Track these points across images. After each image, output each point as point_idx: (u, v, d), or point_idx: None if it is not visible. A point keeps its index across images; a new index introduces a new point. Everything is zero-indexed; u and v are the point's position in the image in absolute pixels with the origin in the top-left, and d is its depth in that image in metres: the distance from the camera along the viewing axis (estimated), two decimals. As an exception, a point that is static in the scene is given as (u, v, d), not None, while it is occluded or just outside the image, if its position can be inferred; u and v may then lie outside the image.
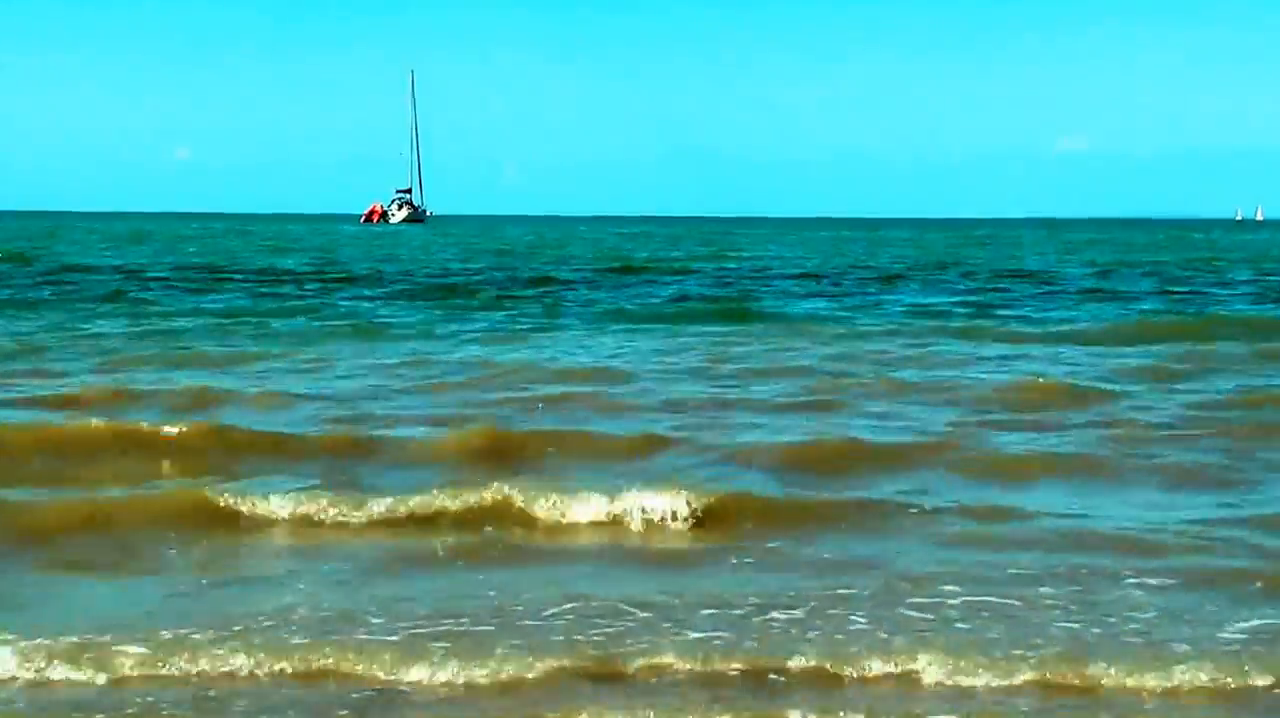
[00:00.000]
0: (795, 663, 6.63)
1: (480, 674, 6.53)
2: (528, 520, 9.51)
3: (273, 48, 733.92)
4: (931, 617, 7.22)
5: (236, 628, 6.98)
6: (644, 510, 9.51)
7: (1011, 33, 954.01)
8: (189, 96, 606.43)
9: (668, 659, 6.66)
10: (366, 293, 32.27)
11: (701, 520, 9.47)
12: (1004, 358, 18.64)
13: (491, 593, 7.69)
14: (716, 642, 6.83)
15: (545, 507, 9.61)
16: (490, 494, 9.75)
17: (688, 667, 6.61)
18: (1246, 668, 6.51)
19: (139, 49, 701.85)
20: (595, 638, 6.90)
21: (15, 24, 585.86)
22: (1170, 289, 35.93)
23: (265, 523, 9.49)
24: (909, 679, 6.52)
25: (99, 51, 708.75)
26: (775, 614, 7.26)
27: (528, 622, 7.17)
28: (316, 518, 9.51)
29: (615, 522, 9.49)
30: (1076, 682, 6.47)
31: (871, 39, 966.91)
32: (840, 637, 6.90)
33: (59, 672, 6.57)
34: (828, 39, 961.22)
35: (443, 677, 6.52)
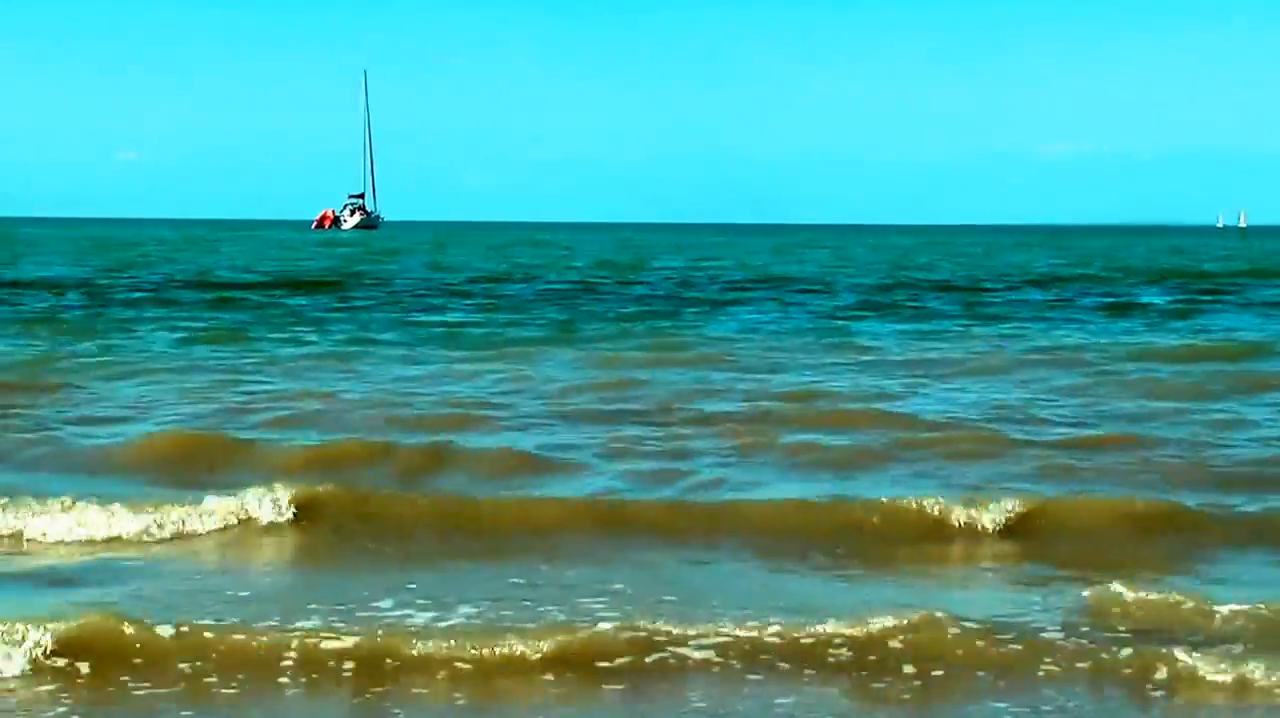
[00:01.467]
0: None
1: None
2: None
3: (225, 49, 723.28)
4: None
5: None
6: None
7: (1002, 37, 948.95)
8: (135, 97, 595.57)
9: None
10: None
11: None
12: None
13: None
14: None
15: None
16: None
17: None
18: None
19: (81, 47, 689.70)
20: None
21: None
22: None
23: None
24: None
25: (38, 48, 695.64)
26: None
27: None
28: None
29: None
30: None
31: (864, 43, 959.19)
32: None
33: None
34: (822, 40, 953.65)
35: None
